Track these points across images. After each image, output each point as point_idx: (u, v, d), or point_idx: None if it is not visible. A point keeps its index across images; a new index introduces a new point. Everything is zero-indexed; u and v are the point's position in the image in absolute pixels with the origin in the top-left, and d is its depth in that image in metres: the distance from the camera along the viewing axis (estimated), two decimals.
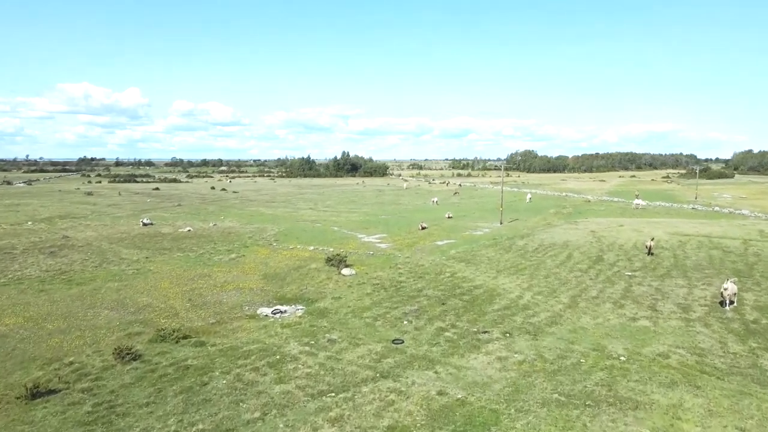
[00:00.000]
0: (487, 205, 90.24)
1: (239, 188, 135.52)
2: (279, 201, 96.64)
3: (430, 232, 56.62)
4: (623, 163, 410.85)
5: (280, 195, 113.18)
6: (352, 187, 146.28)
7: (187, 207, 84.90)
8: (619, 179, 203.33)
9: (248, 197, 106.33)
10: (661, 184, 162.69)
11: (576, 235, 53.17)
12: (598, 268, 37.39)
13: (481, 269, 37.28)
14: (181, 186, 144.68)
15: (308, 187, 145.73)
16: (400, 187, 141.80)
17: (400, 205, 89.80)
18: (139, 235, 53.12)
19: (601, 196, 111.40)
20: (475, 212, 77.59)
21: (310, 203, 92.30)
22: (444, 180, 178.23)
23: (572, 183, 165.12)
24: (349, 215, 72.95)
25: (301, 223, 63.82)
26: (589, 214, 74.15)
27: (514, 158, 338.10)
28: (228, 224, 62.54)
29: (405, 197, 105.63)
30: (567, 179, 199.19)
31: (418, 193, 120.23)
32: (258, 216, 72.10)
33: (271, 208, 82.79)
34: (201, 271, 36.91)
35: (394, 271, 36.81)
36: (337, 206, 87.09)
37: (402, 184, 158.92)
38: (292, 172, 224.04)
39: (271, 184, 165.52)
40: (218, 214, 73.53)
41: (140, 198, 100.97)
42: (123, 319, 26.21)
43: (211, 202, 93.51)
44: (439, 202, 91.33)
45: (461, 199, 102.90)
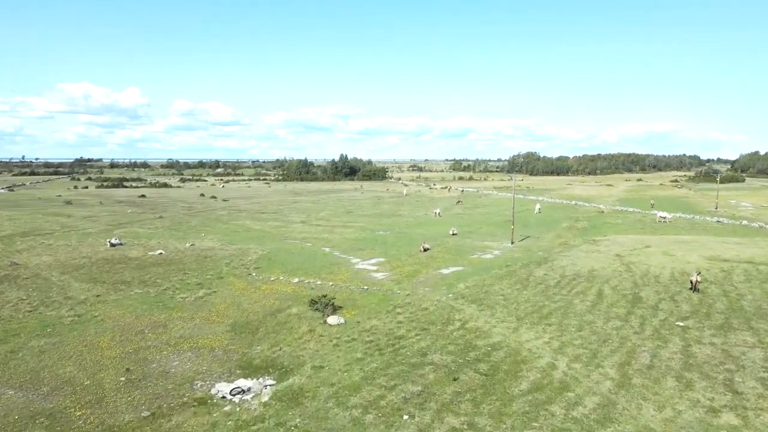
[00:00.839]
0: (493, 216, 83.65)
1: (231, 195, 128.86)
2: (269, 212, 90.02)
3: (433, 255, 50.03)
4: (626, 165, 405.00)
5: (272, 204, 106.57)
6: (349, 193, 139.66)
7: (168, 220, 78.28)
8: (626, 183, 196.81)
9: (238, 206, 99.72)
10: (672, 189, 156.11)
11: (600, 260, 46.56)
12: (640, 314, 30.77)
13: (497, 315, 30.67)
14: (170, 192, 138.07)
15: (304, 193, 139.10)
16: (400, 194, 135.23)
17: (399, 217, 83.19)
18: (101, 260, 46.49)
19: (614, 204, 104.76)
20: (482, 227, 70.99)
21: (303, 215, 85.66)
22: (445, 185, 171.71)
23: (579, 188, 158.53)
24: (344, 231, 66.32)
25: (289, 243, 57.18)
26: (606, 230, 67.54)
27: (516, 160, 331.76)
28: (207, 244, 55.92)
29: (405, 207, 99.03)
30: (572, 183, 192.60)
31: (419, 201, 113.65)
32: (243, 232, 65.47)
33: (260, 222, 76.18)
34: (157, 318, 30.30)
35: (391, 318, 30.21)
36: (332, 219, 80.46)
37: (402, 190, 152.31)
38: (289, 175, 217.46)
39: (266, 189, 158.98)
40: (200, 230, 66.92)
41: (121, 208, 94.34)
42: (26, 408, 19.58)
43: (196, 213, 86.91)
44: (442, 213, 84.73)
45: (464, 209, 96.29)
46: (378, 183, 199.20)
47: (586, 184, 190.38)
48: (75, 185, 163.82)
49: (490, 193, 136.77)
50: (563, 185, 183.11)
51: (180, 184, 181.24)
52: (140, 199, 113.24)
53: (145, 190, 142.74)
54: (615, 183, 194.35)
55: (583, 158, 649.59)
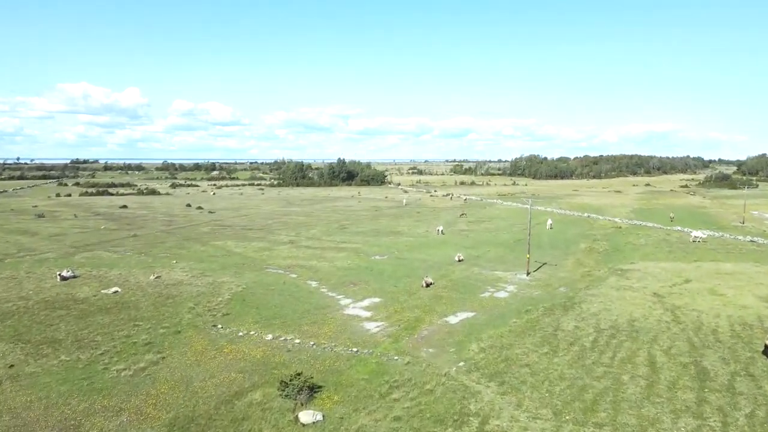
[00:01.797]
0: (501, 233, 76.11)
1: (219, 205, 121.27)
2: (256, 227, 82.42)
3: (437, 292, 42.52)
4: (630, 167, 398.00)
5: (261, 216, 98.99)
6: (345, 202, 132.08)
7: (142, 239, 70.72)
8: (635, 189, 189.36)
9: (223, 220, 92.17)
10: (685, 197, 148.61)
11: (637, 303, 39.01)
12: (716, 404, 23.19)
13: (525, 405, 23.09)
14: (155, 202, 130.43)
15: (297, 202, 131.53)
16: (399, 202, 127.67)
17: (398, 235, 75.61)
18: (40, 304, 38.88)
19: (629, 217, 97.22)
20: (490, 249, 63.42)
21: (292, 232, 78.06)
22: (447, 192, 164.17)
23: (587, 196, 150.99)
24: (335, 256, 58.73)
25: (270, 274, 49.57)
26: (632, 254, 60.01)
27: (518, 163, 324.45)
28: (176, 275, 48.34)
29: (404, 221, 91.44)
30: (579, 189, 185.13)
31: (420, 212, 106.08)
32: (221, 257, 57.90)
33: (243, 242, 68.61)
34: (72, 411, 22.74)
35: (386, 412, 22.65)
36: (323, 238, 72.88)
37: (401, 197, 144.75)
38: (284, 180, 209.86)
39: (258, 197, 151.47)
40: (173, 254, 59.38)
41: (96, 223, 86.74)
42: None
43: (175, 230, 79.34)
44: (445, 230, 77.16)
45: (469, 223, 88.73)
46: (376, 188, 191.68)
47: (594, 190, 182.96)
48: (59, 192, 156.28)
49: (495, 203, 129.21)
50: (570, 191, 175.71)
51: (170, 191, 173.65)
52: (120, 210, 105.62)
53: (129, 199, 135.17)
54: (623, 189, 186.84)
55: (584, 159, 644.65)
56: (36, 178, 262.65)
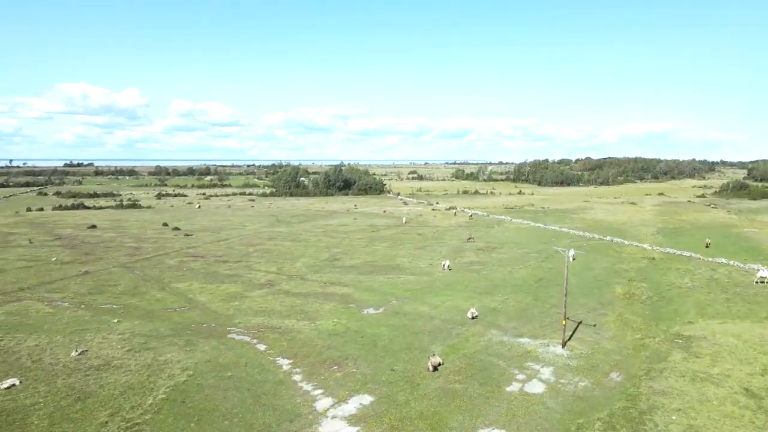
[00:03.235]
0: (518, 268, 65.04)
1: (199, 223, 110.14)
2: (233, 260, 71.24)
3: (448, 384, 31.55)
4: (637, 172, 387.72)
5: (243, 241, 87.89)
6: (340, 218, 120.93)
7: (94, 277, 59.63)
8: (648, 198, 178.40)
9: (198, 248, 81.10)
10: (707, 210, 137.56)
11: (732, 415, 27.94)
12: None
13: None
14: (130, 219, 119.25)
15: (287, 219, 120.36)
16: (399, 219, 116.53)
17: (397, 273, 64.51)
18: None
19: (658, 241, 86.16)
20: (508, 296, 52.33)
21: (274, 266, 66.96)
22: (450, 205, 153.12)
23: (601, 209, 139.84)
24: (320, 311, 47.60)
25: (232, 346, 38.43)
26: (683, 304, 48.94)
27: (522, 168, 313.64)
28: (108, 350, 37.23)
29: (404, 248, 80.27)
30: (590, 200, 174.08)
31: (422, 234, 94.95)
32: (177, 313, 46.79)
33: (212, 284, 57.53)
34: None
35: None
36: (309, 276, 61.72)
37: (401, 210, 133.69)
38: (278, 189, 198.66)
39: (246, 212, 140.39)
40: (121, 305, 48.35)
41: (50, 252, 75.61)
42: None
43: (138, 263, 68.23)
44: (452, 264, 66.10)
45: (478, 252, 77.64)
46: (374, 199, 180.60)
47: (606, 200, 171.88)
48: (32, 205, 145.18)
49: (503, 220, 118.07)
50: (580, 202, 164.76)
51: (153, 203, 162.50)
52: (87, 233, 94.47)
53: (104, 216, 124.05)
54: (637, 199, 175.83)
55: (587, 162, 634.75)
56: (19, 185, 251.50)
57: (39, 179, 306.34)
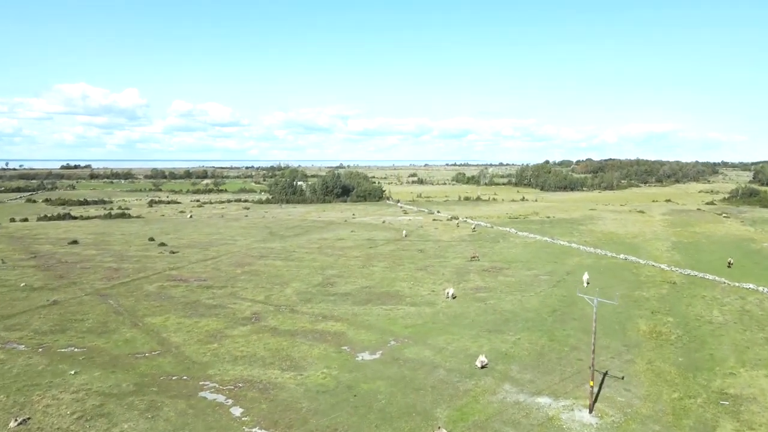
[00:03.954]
0: (529, 296, 59.44)
1: (189, 237, 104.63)
2: (218, 285, 65.68)
3: None
4: (640, 175, 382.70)
5: (231, 261, 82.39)
6: (336, 231, 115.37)
7: (61, 309, 54.09)
8: (656, 206, 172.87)
9: (182, 268, 75.63)
10: (720, 221, 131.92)
11: None
12: None
13: None
14: (116, 233, 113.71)
15: (281, 231, 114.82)
16: (398, 231, 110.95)
17: (397, 301, 58.97)
18: None
19: (675, 260, 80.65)
20: (520, 332, 46.77)
21: (262, 293, 61.40)
22: (452, 215, 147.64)
23: (610, 219, 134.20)
24: (307, 357, 42.03)
25: (200, 413, 32.83)
26: (718, 346, 43.40)
27: (524, 172, 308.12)
28: (54, 419, 31.71)
29: (404, 269, 74.68)
30: (596, 207, 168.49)
31: (423, 251, 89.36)
32: (144, 361, 41.20)
33: (192, 318, 52.00)
34: None
35: None
36: (298, 308, 56.15)
37: (400, 220, 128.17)
38: (275, 196, 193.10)
39: (240, 222, 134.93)
40: (84, 348, 42.88)
41: (20, 274, 70.05)
42: None
43: (113, 289, 62.70)
44: (456, 290, 60.54)
45: (483, 274, 72.15)
46: (373, 207, 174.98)
47: (612, 208, 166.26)
48: (16, 215, 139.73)
49: (508, 233, 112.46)
50: (587, 211, 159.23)
51: (143, 212, 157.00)
52: (66, 249, 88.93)
53: (89, 228, 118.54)
54: (644, 206, 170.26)
55: (588, 164, 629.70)
56: (10, 190, 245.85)
57: (32, 183, 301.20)
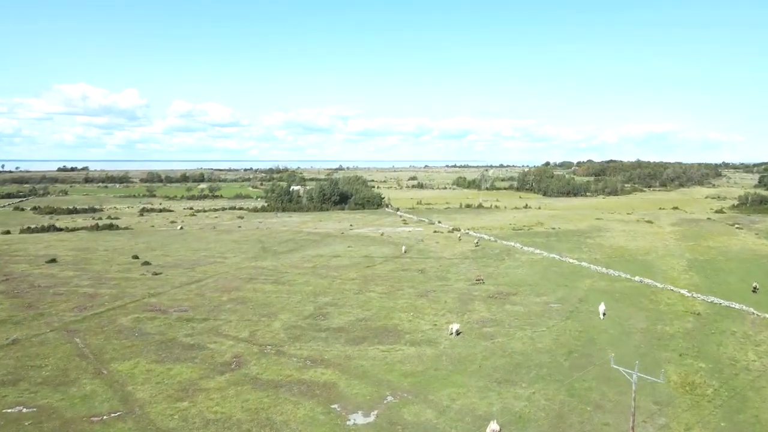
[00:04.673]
0: (541, 331, 53.82)
1: (176, 254, 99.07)
2: (199, 317, 60.07)
3: None
4: (643, 179, 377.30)
5: (219, 281, 76.90)
6: (332, 246, 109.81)
7: (22, 347, 48.48)
8: (665, 215, 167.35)
9: (162, 294, 70.10)
10: (733, 233, 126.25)
11: None
12: None
13: None
14: (101, 246, 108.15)
15: (275, 246, 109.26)
16: (397, 246, 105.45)
17: (395, 337, 53.38)
18: None
19: (694, 284, 75.10)
20: (534, 382, 41.15)
21: (246, 328, 55.76)
22: (453, 226, 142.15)
23: (618, 232, 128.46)
24: (294, 416, 36.39)
25: None
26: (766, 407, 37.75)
27: (526, 177, 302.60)
28: None
29: (403, 296, 69.06)
30: (602, 216, 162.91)
31: (423, 272, 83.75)
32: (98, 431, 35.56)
33: (166, 360, 46.40)
34: None
35: None
36: (285, 347, 50.52)
37: (400, 233, 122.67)
38: (270, 204, 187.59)
39: (233, 234, 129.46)
40: (38, 404, 37.22)
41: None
42: None
43: (84, 321, 57.11)
44: (461, 324, 54.89)
45: (489, 302, 66.61)
46: (372, 215, 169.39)
47: (619, 217, 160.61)
48: (0, 225, 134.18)
49: (513, 247, 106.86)
50: (593, 220, 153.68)
51: (132, 223, 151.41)
52: (42, 269, 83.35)
53: (72, 241, 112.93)
54: (652, 215, 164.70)
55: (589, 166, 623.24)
56: (0, 196, 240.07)
57: (25, 188, 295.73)
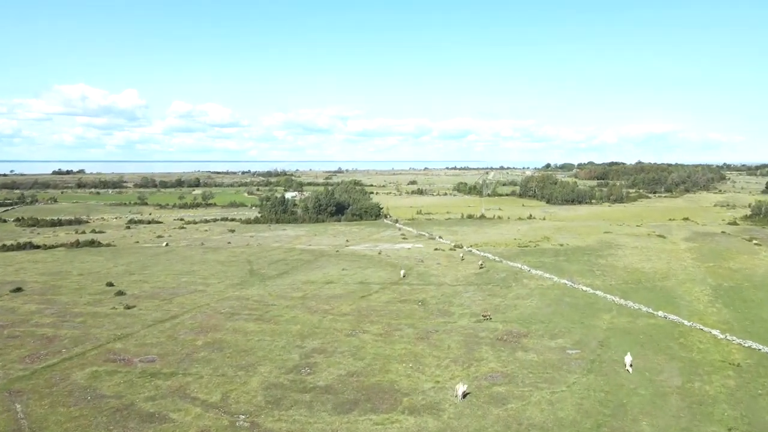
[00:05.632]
0: (561, 395, 46.32)
1: (158, 277, 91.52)
2: (170, 365, 52.49)
3: None
4: (647, 184, 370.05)
5: (196, 318, 69.50)
6: (326, 268, 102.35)
7: None
8: (673, 225, 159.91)
9: (131, 337, 62.67)
10: (755, 252, 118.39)
11: None
12: None
13: None
14: (76, 269, 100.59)
15: (264, 267, 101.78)
16: (395, 269, 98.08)
17: (392, 402, 45.90)
18: None
19: (724, 320, 67.63)
20: None
21: (221, 382, 48.19)
22: (456, 242, 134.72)
23: (631, 250, 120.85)
24: None
25: None
26: None
27: (529, 183, 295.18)
28: None
29: (401, 339, 61.55)
30: (611, 229, 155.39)
31: (423, 303, 76.30)
32: None
33: None
34: None
35: None
36: (261, 419, 43.01)
37: (398, 251, 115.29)
38: (264, 215, 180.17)
39: (220, 253, 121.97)
40: None
41: None
42: None
43: (35, 374, 49.54)
44: (469, 388, 47.35)
45: (498, 342, 59.20)
46: (370, 228, 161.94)
47: (629, 230, 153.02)
48: None
49: (521, 270, 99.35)
50: (601, 234, 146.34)
51: (119, 235, 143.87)
52: (2, 303, 75.81)
53: (46, 263, 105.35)
54: (663, 228, 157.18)
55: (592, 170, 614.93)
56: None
57: (14, 194, 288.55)
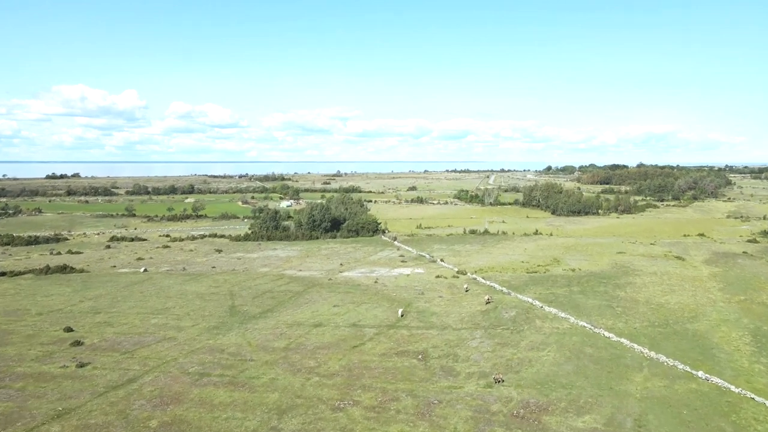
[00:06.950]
0: None
1: (125, 317, 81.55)
2: None
3: None
4: (653, 190, 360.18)
5: (158, 383, 59.62)
6: (314, 305, 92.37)
7: None
8: (690, 243, 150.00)
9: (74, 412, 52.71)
10: None
11: None
12: None
13: None
14: (36, 305, 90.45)
15: (247, 302, 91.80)
16: (393, 306, 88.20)
17: None
18: None
19: None
20: None
21: None
22: (459, 267, 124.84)
23: (650, 278, 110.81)
24: None
25: None
26: None
27: (533, 192, 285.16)
28: None
29: (396, 423, 51.58)
30: (626, 251, 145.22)
31: (423, 360, 66.37)
32: None
33: None
34: None
35: None
36: None
37: (396, 279, 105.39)
38: (255, 231, 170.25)
39: (201, 281, 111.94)
40: None
41: None
42: None
43: None
44: None
45: (514, 419, 49.17)
46: (367, 247, 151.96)
47: (642, 249, 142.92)
48: None
49: (533, 306, 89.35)
50: (614, 255, 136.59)
51: (96, 257, 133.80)
52: None
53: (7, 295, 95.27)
54: (679, 248, 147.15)
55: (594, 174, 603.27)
56: None
57: (0, 203, 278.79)
